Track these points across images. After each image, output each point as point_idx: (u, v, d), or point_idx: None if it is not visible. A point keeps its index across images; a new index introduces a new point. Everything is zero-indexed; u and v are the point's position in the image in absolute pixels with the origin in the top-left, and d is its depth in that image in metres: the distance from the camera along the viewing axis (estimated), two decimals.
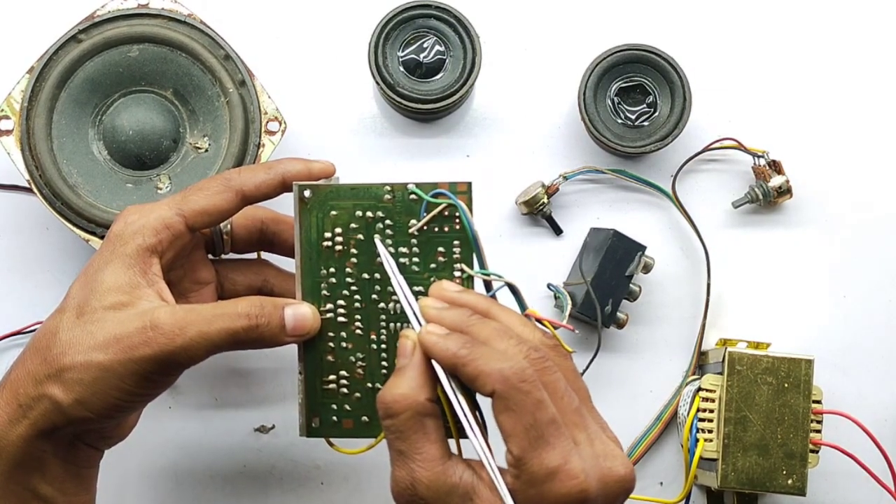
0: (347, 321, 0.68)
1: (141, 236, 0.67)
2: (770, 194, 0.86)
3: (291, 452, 0.86)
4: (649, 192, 0.88)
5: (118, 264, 0.66)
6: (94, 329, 0.64)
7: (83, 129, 0.82)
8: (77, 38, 0.80)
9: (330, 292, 0.68)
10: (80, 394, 0.63)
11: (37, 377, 0.64)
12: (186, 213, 0.68)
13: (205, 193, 0.69)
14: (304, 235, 0.68)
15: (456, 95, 0.84)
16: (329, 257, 0.68)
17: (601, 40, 0.86)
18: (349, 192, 0.67)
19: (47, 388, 0.64)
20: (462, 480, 0.60)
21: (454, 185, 0.66)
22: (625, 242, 0.82)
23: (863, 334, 0.87)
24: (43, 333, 0.66)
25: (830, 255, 0.88)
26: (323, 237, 0.68)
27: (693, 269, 0.87)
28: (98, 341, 0.63)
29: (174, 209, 0.68)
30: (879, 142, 0.89)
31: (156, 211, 0.68)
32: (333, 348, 0.69)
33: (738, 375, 0.80)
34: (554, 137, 0.88)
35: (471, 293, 0.65)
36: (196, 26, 0.81)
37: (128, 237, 0.67)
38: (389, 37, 0.85)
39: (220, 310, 0.65)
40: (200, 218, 0.68)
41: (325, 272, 0.68)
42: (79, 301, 0.66)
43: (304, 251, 0.68)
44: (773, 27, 0.90)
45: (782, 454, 0.79)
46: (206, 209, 0.68)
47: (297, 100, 0.86)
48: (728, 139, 0.87)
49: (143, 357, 0.63)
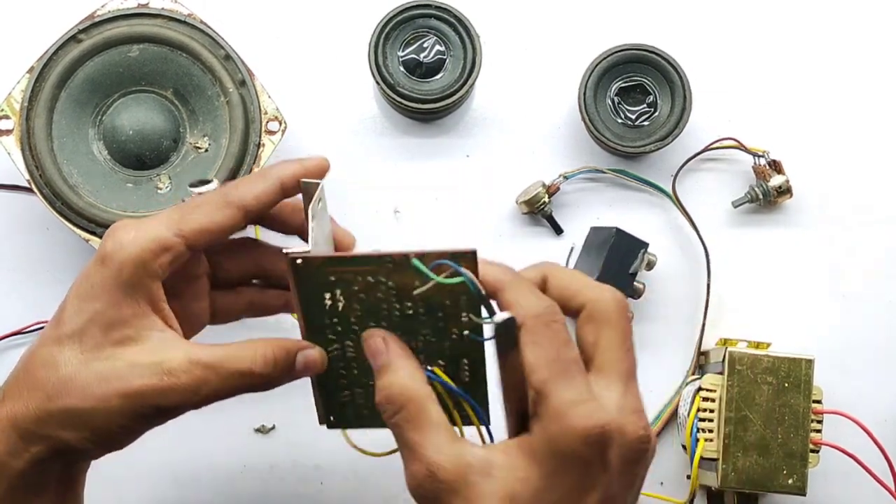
0: (356, 354, 0.66)
1: (141, 262, 0.62)
2: (770, 194, 0.86)
3: (291, 452, 0.86)
4: (649, 191, 0.88)
5: (118, 292, 0.62)
6: (103, 370, 0.61)
7: (83, 128, 0.82)
8: (77, 37, 0.80)
9: (336, 336, 0.65)
10: (89, 434, 0.62)
11: (41, 416, 0.62)
12: (186, 232, 0.63)
13: (204, 210, 0.64)
14: (303, 298, 0.64)
15: (456, 95, 0.84)
16: (332, 312, 0.64)
17: (601, 40, 0.86)
18: (347, 261, 0.63)
19: (54, 430, 0.62)
20: (476, 455, 0.58)
21: (457, 255, 0.61)
22: (627, 240, 0.82)
23: (863, 334, 0.87)
24: (41, 365, 0.62)
25: (831, 254, 0.88)
26: (322, 297, 0.64)
27: (693, 269, 0.87)
28: (112, 388, 0.61)
29: (172, 229, 0.63)
30: (880, 142, 0.89)
31: (152, 230, 0.63)
32: (345, 374, 0.67)
33: (738, 375, 0.80)
34: (554, 137, 0.88)
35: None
36: (196, 26, 0.81)
37: (125, 262, 0.62)
38: (389, 36, 0.85)
39: (232, 365, 0.63)
40: (201, 237, 0.64)
41: (329, 322, 0.65)
42: (78, 332, 0.62)
43: (304, 309, 0.64)
44: (773, 27, 0.90)
45: (783, 454, 0.79)
46: (207, 228, 0.64)
47: (297, 100, 0.86)
48: (728, 139, 0.87)
49: (157, 408, 0.62)
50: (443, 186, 0.87)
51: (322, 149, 0.87)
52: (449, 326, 0.64)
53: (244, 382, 0.63)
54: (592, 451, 0.56)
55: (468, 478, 0.57)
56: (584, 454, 0.56)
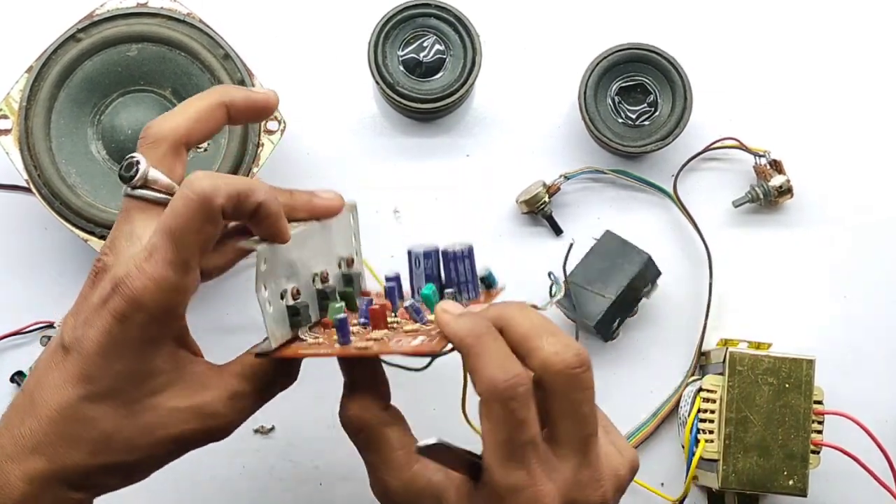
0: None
1: (163, 317, 0.59)
2: (771, 193, 0.85)
3: (291, 453, 0.86)
4: (650, 191, 0.87)
5: (146, 348, 0.59)
6: (144, 422, 0.60)
7: (82, 128, 0.81)
8: (76, 37, 0.80)
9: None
10: (132, 479, 0.63)
11: (86, 471, 0.60)
12: (190, 261, 0.58)
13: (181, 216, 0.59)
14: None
15: (456, 95, 0.83)
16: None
17: (601, 40, 0.86)
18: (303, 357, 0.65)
19: (99, 481, 0.61)
20: (430, 483, 0.60)
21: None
22: (652, 269, 0.83)
23: (864, 334, 0.87)
24: (76, 421, 0.59)
25: (832, 255, 0.87)
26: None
27: (694, 270, 0.87)
28: (157, 438, 0.60)
29: (176, 270, 0.58)
30: (881, 142, 0.89)
31: (162, 276, 0.57)
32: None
33: (739, 376, 0.79)
34: (554, 137, 0.88)
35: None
36: (195, 25, 0.81)
37: (147, 320, 0.58)
38: (389, 36, 0.84)
39: (269, 385, 0.65)
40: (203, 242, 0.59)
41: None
42: (110, 390, 0.59)
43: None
44: (773, 27, 0.89)
45: (783, 455, 0.79)
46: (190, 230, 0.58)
47: (297, 100, 0.86)
48: (729, 139, 0.86)
49: (202, 444, 0.63)
50: (443, 186, 0.87)
51: (322, 148, 0.87)
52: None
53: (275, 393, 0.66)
54: None
55: (419, 501, 0.61)
56: None
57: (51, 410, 0.59)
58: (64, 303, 0.84)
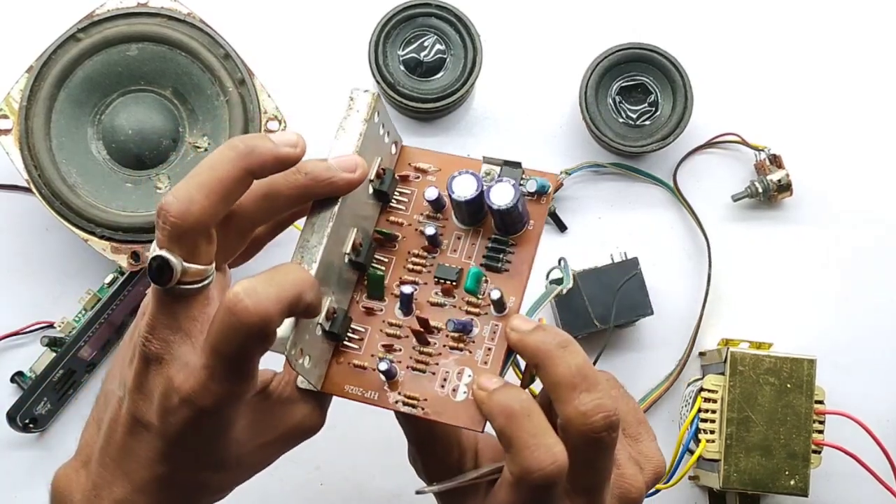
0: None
1: (232, 413, 0.57)
2: (770, 188, 0.85)
3: (291, 452, 0.85)
4: (652, 188, 0.87)
5: (220, 432, 0.57)
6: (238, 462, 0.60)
7: (82, 128, 0.81)
8: (76, 36, 0.80)
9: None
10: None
11: None
12: (220, 350, 0.54)
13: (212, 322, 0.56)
14: None
15: (456, 95, 0.83)
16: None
17: (601, 40, 0.86)
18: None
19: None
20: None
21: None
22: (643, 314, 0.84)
23: (865, 334, 0.87)
24: (169, 487, 0.58)
25: (833, 255, 0.87)
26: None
27: (694, 269, 0.87)
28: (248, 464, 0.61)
29: (235, 382, 0.55)
30: (881, 141, 0.89)
31: (221, 390, 0.55)
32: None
33: (740, 376, 0.79)
34: (555, 137, 0.88)
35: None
36: (195, 25, 0.81)
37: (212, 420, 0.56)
38: (390, 35, 0.84)
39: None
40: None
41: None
42: (197, 461, 0.58)
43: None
44: (774, 26, 0.89)
45: (785, 455, 0.79)
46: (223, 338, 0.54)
47: (297, 99, 0.86)
48: (730, 133, 0.87)
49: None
50: None
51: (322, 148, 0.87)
52: None
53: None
54: None
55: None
56: None
57: (144, 482, 0.58)
58: (64, 303, 0.85)
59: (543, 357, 0.56)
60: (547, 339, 0.56)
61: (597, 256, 0.86)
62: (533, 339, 0.56)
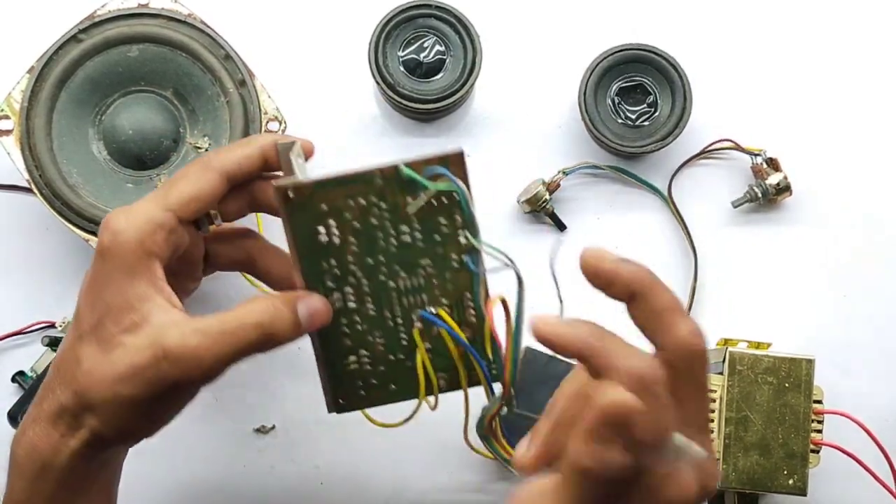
0: (358, 305, 0.66)
1: (137, 242, 0.63)
2: (769, 192, 0.85)
3: (291, 452, 0.86)
4: (649, 192, 0.87)
5: (121, 279, 0.63)
6: (114, 358, 0.62)
7: (83, 128, 0.82)
8: (77, 37, 0.80)
9: (335, 283, 0.65)
10: (116, 424, 0.63)
11: (72, 409, 0.63)
12: (174, 206, 0.65)
13: (187, 181, 0.66)
14: (297, 235, 0.64)
15: (456, 95, 0.84)
16: (327, 251, 0.64)
17: (601, 40, 0.86)
18: (335, 183, 0.63)
19: (84, 420, 0.63)
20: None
21: (445, 158, 0.62)
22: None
23: (864, 334, 0.87)
24: (66, 362, 0.64)
25: (831, 254, 0.88)
26: (316, 232, 0.64)
27: (689, 270, 0.87)
28: (119, 373, 0.62)
29: (160, 205, 0.65)
30: (880, 140, 0.89)
31: (142, 212, 0.65)
32: (349, 332, 0.66)
33: (738, 375, 0.79)
34: (554, 137, 0.88)
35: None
36: (196, 26, 0.81)
37: (124, 248, 0.63)
38: (390, 36, 0.85)
39: (231, 326, 0.62)
40: (189, 206, 0.66)
41: (326, 265, 0.64)
42: (94, 327, 0.63)
43: (300, 251, 0.64)
44: (774, 25, 0.89)
45: (783, 454, 0.79)
46: (193, 196, 0.66)
47: (297, 100, 0.86)
48: (725, 140, 0.87)
49: (163, 389, 0.62)
50: None
51: (322, 149, 0.87)
52: (447, 251, 0.64)
53: (246, 343, 0.63)
54: None
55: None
56: None
57: (55, 359, 0.66)
58: (65, 303, 0.85)
59: (647, 288, 0.57)
60: (641, 268, 0.58)
61: None
62: (627, 269, 0.58)
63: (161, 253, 0.65)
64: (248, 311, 0.63)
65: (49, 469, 0.64)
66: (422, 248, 0.64)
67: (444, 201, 0.64)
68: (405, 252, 0.64)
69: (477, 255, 0.64)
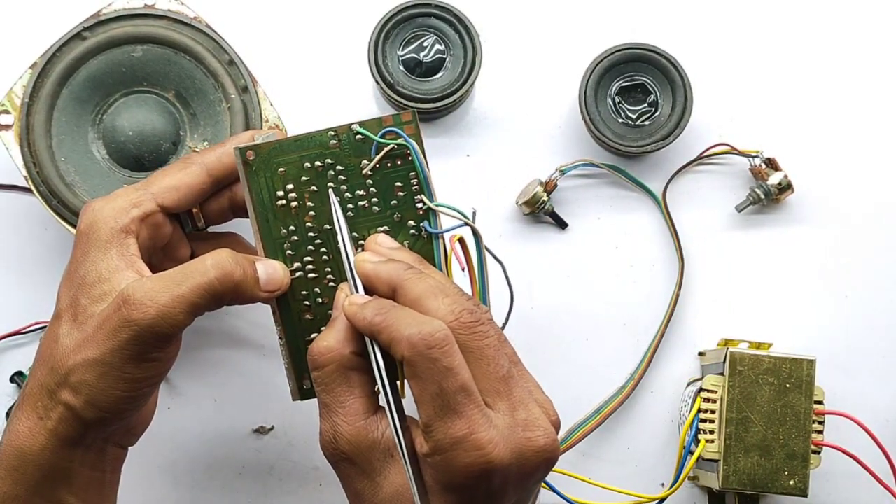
0: (318, 276, 0.68)
1: (112, 219, 0.66)
2: (772, 192, 0.85)
3: (290, 453, 0.85)
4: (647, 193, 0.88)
5: (95, 254, 0.66)
6: (86, 327, 0.64)
7: (83, 127, 0.82)
8: (81, 35, 0.80)
9: (294, 250, 0.67)
10: (88, 395, 0.63)
11: (48, 387, 0.64)
12: (154, 190, 0.68)
13: (168, 172, 0.70)
14: (256, 198, 0.67)
15: (456, 95, 0.84)
16: (286, 215, 0.67)
17: (601, 40, 0.86)
18: (293, 144, 0.67)
19: (59, 395, 0.63)
20: (384, 437, 0.60)
21: (398, 116, 0.67)
22: None
23: (865, 334, 0.87)
24: (47, 343, 0.66)
25: (832, 254, 0.87)
26: (275, 196, 0.67)
27: (689, 269, 0.87)
28: (87, 335, 0.63)
29: (140, 191, 0.68)
30: (881, 140, 0.89)
31: (120, 195, 0.68)
32: (309, 306, 0.68)
33: (739, 376, 0.79)
34: (555, 137, 0.88)
35: (405, 251, 0.66)
36: (201, 29, 0.81)
37: (99, 225, 0.66)
38: (389, 36, 0.85)
39: (189, 268, 0.64)
40: (170, 194, 0.68)
41: (285, 231, 0.67)
42: (70, 305, 0.65)
43: (259, 214, 0.67)
44: (774, 24, 0.90)
45: (784, 455, 0.79)
46: (173, 185, 0.69)
47: (296, 100, 0.86)
48: (721, 144, 0.87)
49: (128, 339, 0.62)
50: (443, 186, 0.87)
51: None
52: (405, 217, 0.67)
53: (204, 280, 0.63)
54: (479, 483, 0.57)
55: (368, 454, 0.60)
56: (471, 487, 0.57)
57: (39, 344, 0.67)
58: None
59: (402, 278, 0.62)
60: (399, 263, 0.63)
61: (596, 256, 0.86)
62: (384, 268, 0.63)
63: (135, 230, 0.66)
64: (208, 255, 0.65)
65: (28, 455, 0.64)
66: (379, 214, 0.67)
67: (399, 164, 0.67)
68: (363, 218, 0.67)
69: (434, 217, 0.67)
